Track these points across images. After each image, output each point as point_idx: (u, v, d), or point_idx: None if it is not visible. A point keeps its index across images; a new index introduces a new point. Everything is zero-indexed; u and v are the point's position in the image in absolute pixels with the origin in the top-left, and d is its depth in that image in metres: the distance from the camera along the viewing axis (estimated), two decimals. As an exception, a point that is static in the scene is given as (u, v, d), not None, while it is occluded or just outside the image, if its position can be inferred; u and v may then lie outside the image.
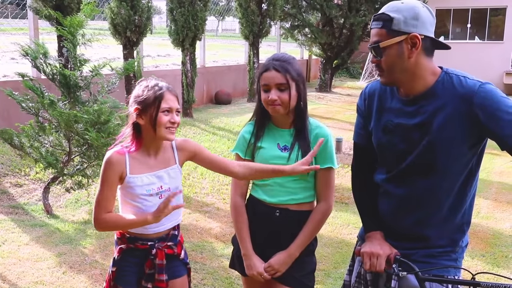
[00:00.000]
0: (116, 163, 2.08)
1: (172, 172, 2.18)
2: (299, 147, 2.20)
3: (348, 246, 4.55)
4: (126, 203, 2.16)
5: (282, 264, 2.21)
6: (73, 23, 4.74)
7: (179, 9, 9.41)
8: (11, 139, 4.88)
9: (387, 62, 1.77)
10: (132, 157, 2.11)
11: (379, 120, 1.92)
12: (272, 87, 2.14)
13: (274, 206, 2.25)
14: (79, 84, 4.90)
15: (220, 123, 9.73)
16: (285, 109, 2.16)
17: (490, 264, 4.30)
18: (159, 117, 2.04)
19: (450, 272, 1.84)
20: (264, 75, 2.16)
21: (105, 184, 2.09)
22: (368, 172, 2.03)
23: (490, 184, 6.77)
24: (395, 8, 1.75)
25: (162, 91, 2.07)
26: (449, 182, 1.80)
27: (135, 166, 2.10)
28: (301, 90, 2.17)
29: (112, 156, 2.09)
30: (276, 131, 2.27)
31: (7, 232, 4.62)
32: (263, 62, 2.34)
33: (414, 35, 1.72)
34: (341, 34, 15.07)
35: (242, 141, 2.32)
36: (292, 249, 2.22)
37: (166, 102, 2.06)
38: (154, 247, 2.16)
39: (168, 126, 2.06)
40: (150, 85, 2.11)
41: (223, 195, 5.91)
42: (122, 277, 2.21)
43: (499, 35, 17.90)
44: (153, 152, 2.15)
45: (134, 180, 2.09)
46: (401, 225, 1.90)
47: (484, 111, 1.67)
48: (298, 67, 2.20)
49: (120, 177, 2.09)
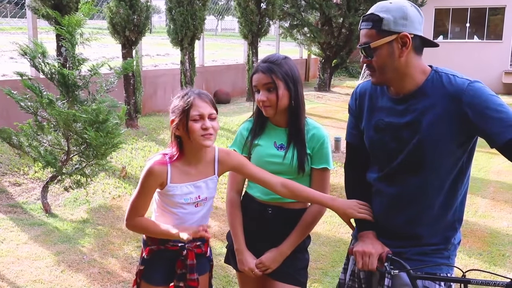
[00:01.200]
0: (157, 173, 2.08)
1: (211, 183, 2.21)
2: (294, 146, 2.22)
3: (345, 245, 4.57)
4: (163, 208, 2.19)
5: (273, 261, 2.25)
6: (71, 23, 4.74)
7: (178, 8, 9.41)
8: (9, 138, 4.89)
9: (378, 62, 1.79)
10: (174, 166, 2.11)
11: (370, 119, 1.93)
12: (260, 88, 2.20)
13: (267, 204, 2.28)
14: (78, 83, 4.91)
15: (219, 122, 9.72)
16: (274, 109, 2.19)
17: (487, 263, 4.31)
18: (190, 125, 2.03)
19: (443, 269, 1.86)
20: (253, 77, 2.23)
21: (143, 191, 2.12)
22: (361, 171, 2.04)
23: (488, 183, 6.79)
24: (384, 8, 1.76)
25: (190, 99, 2.05)
26: (439, 180, 1.81)
27: (176, 175, 2.11)
28: (291, 90, 2.18)
29: (154, 167, 2.08)
30: (273, 129, 2.29)
31: (6, 231, 4.63)
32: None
33: (404, 35, 1.74)
34: (340, 34, 15.08)
35: (239, 137, 2.37)
36: (283, 248, 2.25)
37: (195, 109, 2.03)
38: (185, 249, 2.20)
39: (202, 133, 2.03)
40: (181, 94, 2.10)
41: (221, 194, 5.92)
42: (150, 275, 2.26)
43: (498, 34, 17.90)
44: (194, 162, 2.14)
45: (174, 189, 2.12)
46: (393, 224, 1.92)
47: (473, 109, 1.68)
48: (288, 68, 2.20)
49: (160, 185, 2.12)
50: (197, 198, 2.16)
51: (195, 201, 2.16)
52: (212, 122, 2.07)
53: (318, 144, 2.23)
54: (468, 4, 18.03)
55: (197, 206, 2.18)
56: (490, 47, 17.77)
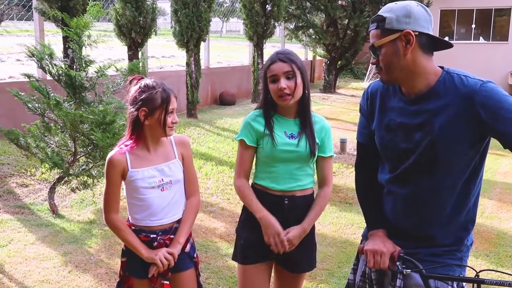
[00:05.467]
0: (117, 161, 2.24)
1: (173, 166, 2.32)
2: (306, 136, 2.34)
3: (352, 246, 4.56)
4: (131, 198, 2.30)
5: (296, 237, 2.32)
6: (79, 25, 4.77)
7: (183, 10, 9.45)
8: (17, 139, 4.91)
9: (384, 61, 1.79)
10: (131, 153, 2.26)
11: (382, 119, 1.93)
12: (280, 77, 2.27)
13: (282, 194, 2.36)
14: (85, 85, 4.93)
15: (225, 124, 9.75)
16: (294, 97, 2.29)
17: (494, 264, 4.30)
18: (166, 119, 2.22)
19: (455, 270, 1.85)
20: (272, 67, 2.30)
21: (109, 183, 2.27)
22: (372, 171, 2.04)
23: (495, 184, 6.76)
24: (388, 8, 1.79)
25: (168, 95, 2.23)
26: (452, 181, 1.80)
27: (135, 161, 2.25)
28: (305, 80, 2.33)
29: (113, 156, 2.25)
30: (282, 120, 2.39)
31: (14, 232, 4.66)
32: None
33: (407, 32, 1.74)
34: (345, 35, 15.07)
35: (248, 127, 2.41)
36: (305, 225, 2.35)
37: (171, 104, 2.24)
38: (156, 240, 2.27)
39: (170, 126, 2.25)
40: (155, 87, 2.22)
41: (227, 195, 5.93)
42: (131, 267, 2.35)
43: (504, 35, 17.84)
44: (152, 147, 2.29)
45: (135, 174, 2.24)
46: (405, 225, 1.90)
47: (486, 110, 1.67)
48: (300, 60, 2.35)
49: (122, 174, 2.25)
50: (160, 181, 2.27)
51: (159, 184, 2.27)
52: (176, 117, 2.30)
53: (326, 135, 2.41)
54: (474, 5, 17.98)
55: (163, 190, 2.28)
56: (496, 48, 17.72)
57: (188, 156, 2.40)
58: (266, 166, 2.37)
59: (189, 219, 2.37)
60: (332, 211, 5.49)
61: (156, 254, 2.23)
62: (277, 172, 2.34)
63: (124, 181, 2.28)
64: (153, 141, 2.28)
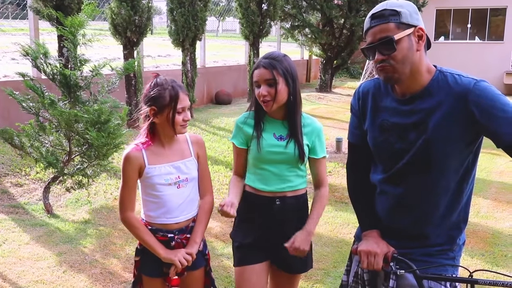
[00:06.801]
0: (134, 158, 2.22)
1: (189, 164, 2.32)
2: (294, 138, 2.33)
3: (347, 246, 4.56)
4: (147, 195, 2.28)
5: (305, 243, 2.29)
6: (74, 23, 4.75)
7: (179, 9, 9.42)
8: (11, 138, 4.89)
9: (400, 56, 1.73)
10: (148, 150, 2.24)
11: (374, 119, 1.91)
12: (261, 83, 2.29)
13: (273, 196, 2.35)
14: (79, 84, 4.91)
15: (221, 123, 9.74)
16: (275, 103, 2.28)
17: (489, 263, 4.30)
18: (175, 117, 2.21)
19: (448, 270, 1.85)
20: (255, 73, 2.32)
21: (125, 180, 2.24)
22: (363, 171, 2.03)
23: (490, 183, 6.78)
24: (396, 4, 1.76)
25: (177, 93, 2.21)
26: (446, 180, 1.80)
27: (152, 158, 2.24)
28: (290, 86, 2.29)
29: (130, 153, 2.23)
30: (271, 122, 2.39)
31: (8, 232, 4.63)
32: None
33: (420, 28, 1.75)
34: (341, 34, 15.08)
35: (238, 130, 2.44)
36: (310, 227, 2.33)
37: (180, 102, 2.21)
38: (174, 240, 2.27)
39: (182, 124, 2.24)
40: (164, 85, 2.22)
41: (223, 194, 5.92)
42: (145, 266, 2.33)
43: (499, 35, 17.90)
44: (167, 144, 2.29)
45: (153, 170, 2.23)
46: (399, 225, 1.90)
47: (480, 109, 1.67)
48: (287, 64, 2.31)
49: (139, 171, 2.23)
50: (177, 178, 2.27)
51: (176, 181, 2.26)
52: (189, 115, 2.29)
53: (317, 137, 2.39)
54: (469, 4, 18.03)
55: (179, 187, 2.27)
56: (492, 48, 17.77)
57: (203, 155, 2.39)
58: (255, 167, 2.38)
59: (204, 219, 2.38)
60: (328, 211, 5.49)
61: (176, 255, 2.23)
62: (266, 173, 2.35)
63: (139, 178, 2.26)
64: (166, 139, 2.28)
